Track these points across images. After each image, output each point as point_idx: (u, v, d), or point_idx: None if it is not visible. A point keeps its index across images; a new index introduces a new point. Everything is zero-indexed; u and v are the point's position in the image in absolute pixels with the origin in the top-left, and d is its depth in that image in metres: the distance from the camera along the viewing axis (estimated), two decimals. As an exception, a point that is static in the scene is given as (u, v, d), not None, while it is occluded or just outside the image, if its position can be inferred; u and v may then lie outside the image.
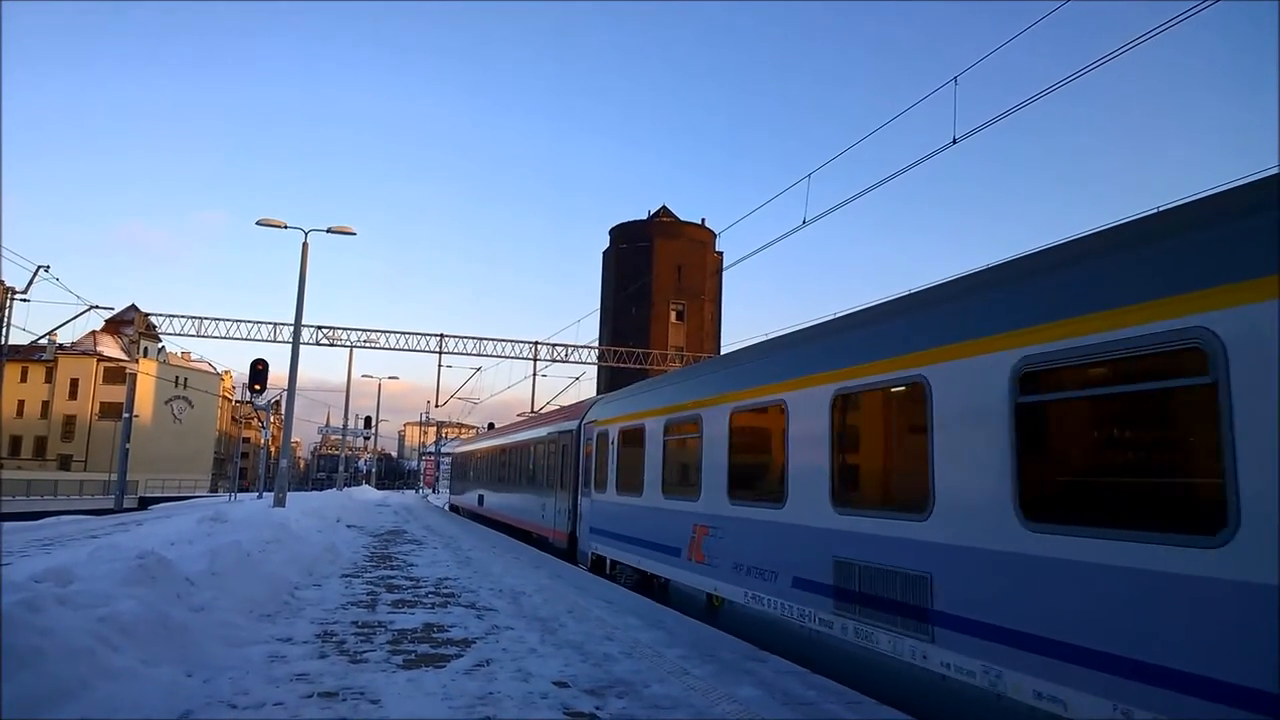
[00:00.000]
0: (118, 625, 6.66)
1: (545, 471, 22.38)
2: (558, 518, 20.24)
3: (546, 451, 22.38)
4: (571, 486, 18.98)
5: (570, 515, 18.95)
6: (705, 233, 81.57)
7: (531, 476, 24.40)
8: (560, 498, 20.20)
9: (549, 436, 22.25)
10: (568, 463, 19.54)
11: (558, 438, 20.98)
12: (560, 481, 20.27)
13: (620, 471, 15.12)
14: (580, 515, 17.87)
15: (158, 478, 67.47)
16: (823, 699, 6.84)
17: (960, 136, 13.80)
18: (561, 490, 20.07)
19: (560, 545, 19.80)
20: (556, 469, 20.80)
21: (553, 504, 20.96)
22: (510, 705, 6.31)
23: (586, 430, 17.80)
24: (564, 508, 19.64)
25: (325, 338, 49.52)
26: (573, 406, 22.89)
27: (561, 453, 20.43)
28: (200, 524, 15.12)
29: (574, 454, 18.92)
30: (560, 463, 20.41)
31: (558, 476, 20.57)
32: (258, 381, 26.56)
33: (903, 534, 7.13)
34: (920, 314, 7.53)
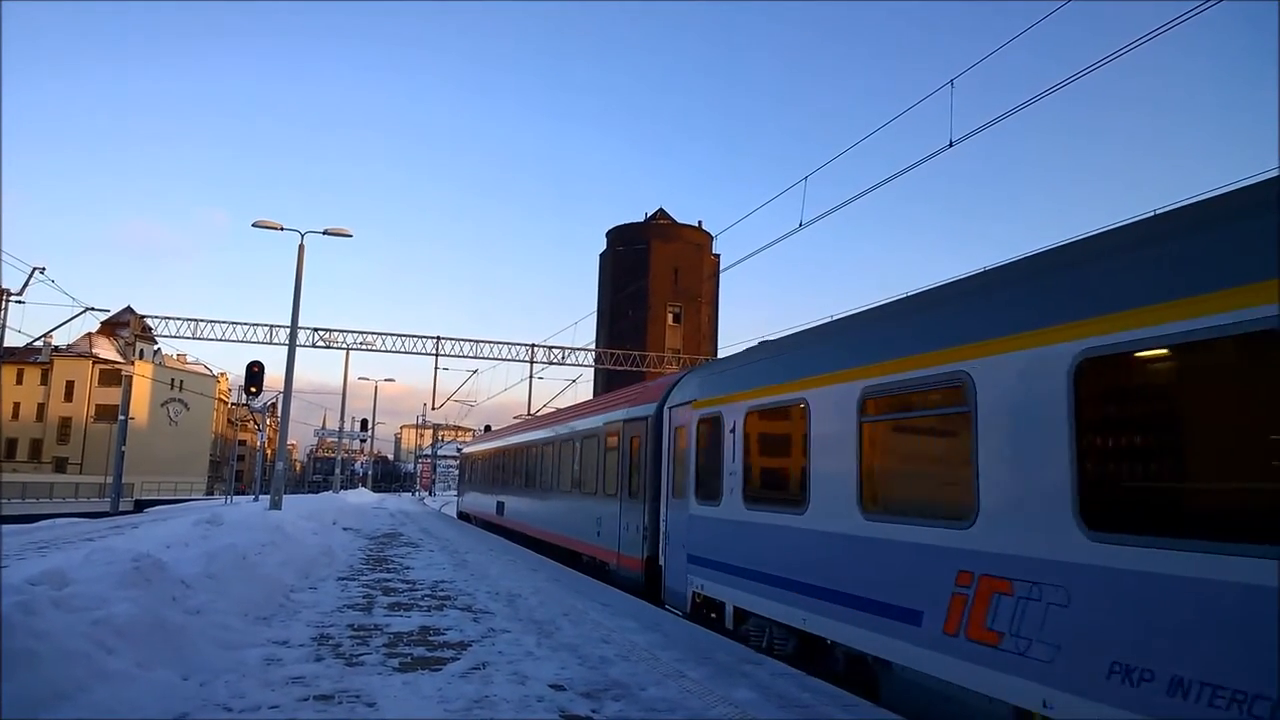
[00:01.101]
0: (113, 628, 6.65)
1: (601, 473, 17.24)
2: (624, 536, 15.15)
3: (602, 447, 17.35)
4: (646, 493, 14.09)
5: (646, 534, 13.94)
6: (702, 235, 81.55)
7: (578, 480, 19.25)
8: (628, 510, 15.06)
9: (607, 427, 17.12)
10: (640, 462, 14.58)
11: (622, 428, 15.99)
12: (628, 486, 15.26)
13: (755, 474, 10.25)
14: (666, 535, 12.92)
15: (153, 480, 67.27)
16: (818, 702, 6.85)
17: (957, 139, 13.81)
18: (631, 499, 14.97)
19: (630, 576, 14.63)
20: (619, 470, 15.88)
21: (614, 517, 15.79)
22: (506, 708, 6.31)
23: (675, 415, 12.95)
24: (635, 523, 14.51)
25: (321, 340, 49.45)
26: (637, 389, 17.78)
27: (628, 448, 15.48)
28: (196, 527, 15.09)
29: (650, 449, 14.17)
30: (627, 462, 15.50)
31: (622, 480, 15.67)
32: (254, 384, 26.53)
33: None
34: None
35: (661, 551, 13.23)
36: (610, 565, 15.97)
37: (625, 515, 15.20)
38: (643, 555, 14.04)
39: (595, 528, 17.05)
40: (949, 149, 13.99)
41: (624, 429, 15.84)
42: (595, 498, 17.43)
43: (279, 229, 27.60)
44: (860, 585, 7.62)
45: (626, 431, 15.67)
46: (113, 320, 72.22)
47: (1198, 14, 9.66)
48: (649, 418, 14.44)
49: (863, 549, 7.60)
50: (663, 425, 13.56)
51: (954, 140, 13.81)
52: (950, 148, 13.95)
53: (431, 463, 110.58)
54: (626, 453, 15.56)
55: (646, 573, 13.86)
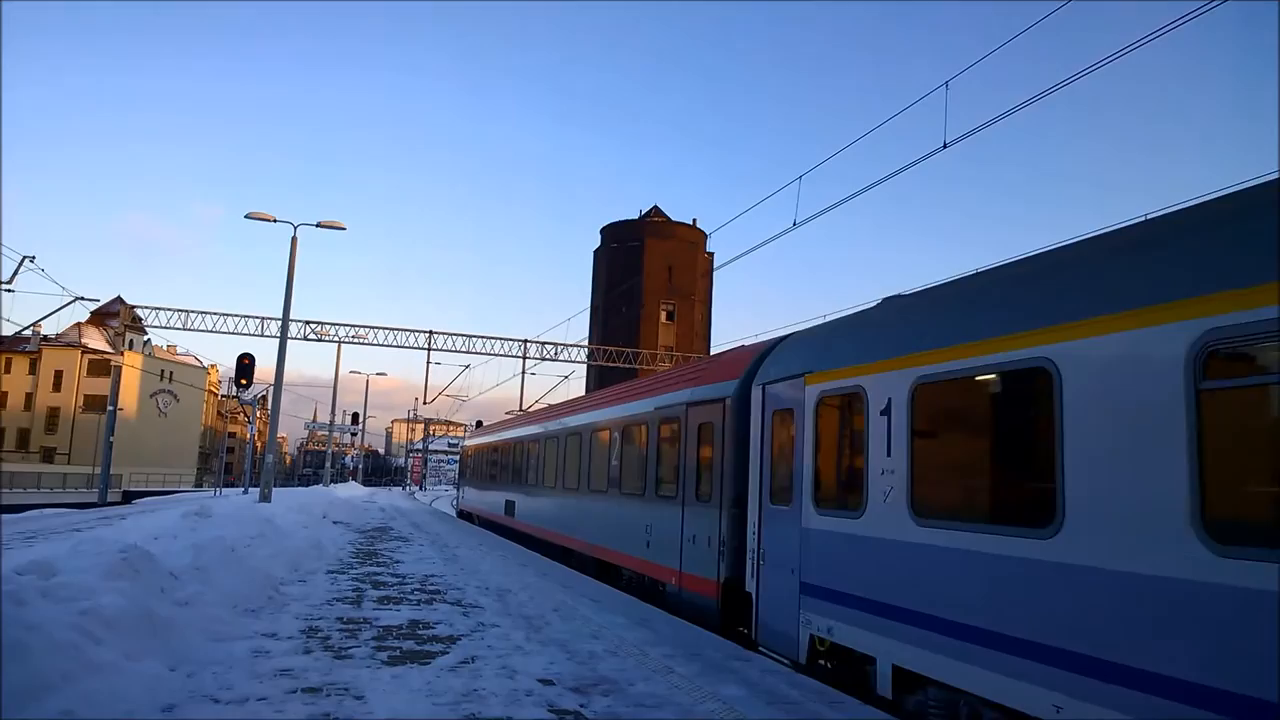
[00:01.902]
0: (101, 619, 6.63)
1: (650, 470, 13.81)
2: (688, 551, 11.86)
3: (652, 438, 13.93)
4: (722, 497, 10.90)
5: (724, 549, 10.74)
6: (696, 233, 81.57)
7: (616, 477, 15.64)
8: (695, 516, 11.76)
9: (660, 413, 13.65)
10: (713, 456, 11.44)
11: (684, 414, 12.54)
12: (694, 487, 11.91)
13: (933, 474, 7.21)
14: (760, 554, 9.71)
15: (142, 471, 67.02)
16: (806, 699, 6.86)
17: (951, 140, 13.84)
18: (698, 503, 11.67)
19: (698, 602, 11.37)
20: (681, 466, 12.45)
21: (671, 526, 12.45)
22: (495, 702, 6.31)
23: (774, 394, 9.84)
24: (705, 534, 11.31)
25: (313, 333, 49.32)
26: (699, 364, 14.37)
27: (693, 439, 12.16)
28: (185, 518, 15.03)
29: (729, 439, 11.02)
30: (691, 456, 12.17)
31: (685, 478, 12.24)
32: (244, 376, 26.41)
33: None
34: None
35: (751, 574, 9.88)
36: (666, 586, 12.54)
37: (690, 523, 11.88)
38: (717, 577, 10.74)
39: (642, 537, 13.61)
40: (943, 150, 14.03)
41: (687, 415, 12.45)
42: (642, 500, 13.95)
43: (272, 221, 27.52)
44: (1193, 664, 4.63)
45: (691, 418, 12.30)
46: (102, 310, 72.09)
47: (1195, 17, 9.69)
48: (726, 399, 11.19)
49: (1200, 602, 4.62)
50: (751, 408, 10.33)
51: (948, 141, 13.85)
52: (944, 149, 13.99)
53: (423, 457, 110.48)
54: (691, 444, 12.21)
55: (723, 600, 10.61)
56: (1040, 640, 5.60)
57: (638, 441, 14.72)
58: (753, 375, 10.61)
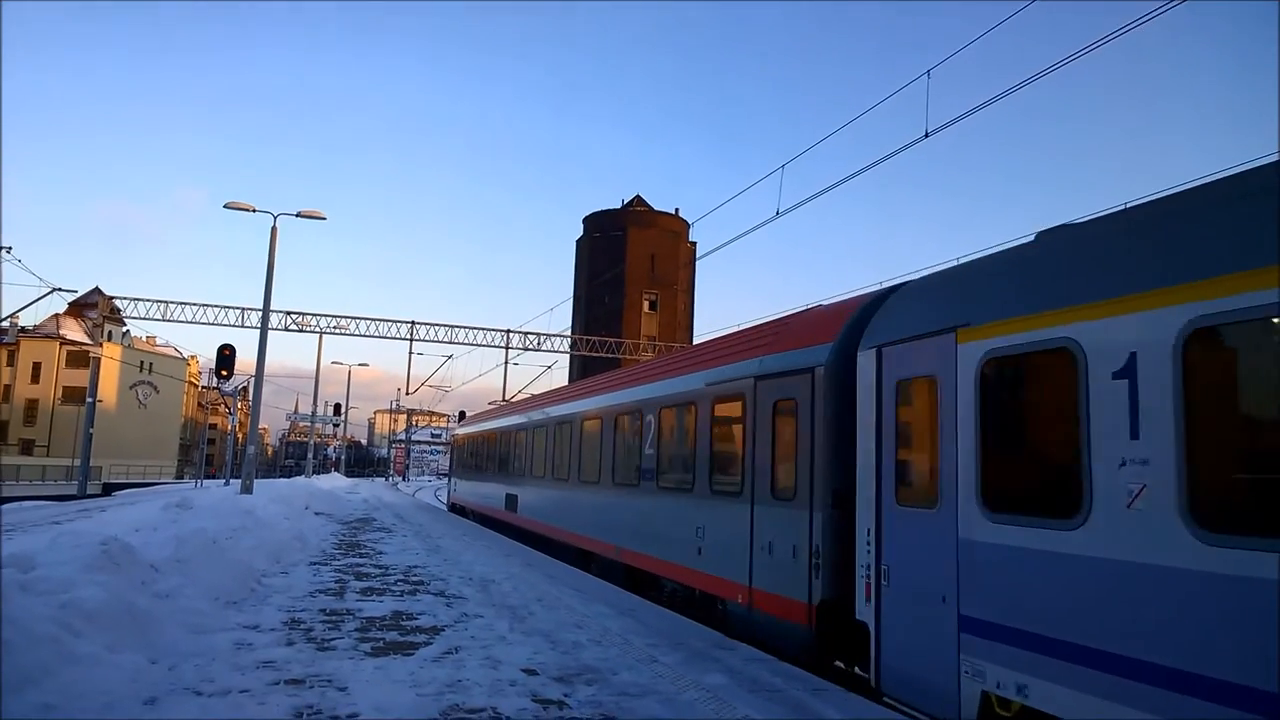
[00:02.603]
0: (81, 612, 6.59)
1: (704, 459, 11.30)
2: (761, 561, 9.49)
3: (705, 420, 11.44)
4: (813, 493, 8.70)
5: (818, 561, 8.47)
6: (679, 222, 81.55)
7: (655, 468, 12.97)
8: (771, 518, 9.42)
9: (717, 389, 11.17)
10: (800, 442, 9.02)
11: (753, 389, 10.11)
12: (769, 480, 9.57)
13: (1217, 464, 4.87)
14: (885, 572, 7.42)
15: (122, 464, 66.40)
16: (789, 686, 6.91)
17: (933, 129, 13.88)
18: (777, 501, 9.37)
19: (780, 627, 8.98)
20: (749, 454, 10.04)
21: (735, 528, 10.07)
22: (479, 692, 6.32)
23: (897, 359, 7.58)
24: (790, 540, 8.94)
25: (294, 323, 49.08)
26: (772, 326, 10.97)
27: (767, 420, 9.79)
28: (165, 510, 14.93)
29: (827, 421, 8.65)
30: (766, 441, 9.74)
31: (755, 469, 9.87)
32: (224, 367, 26.25)
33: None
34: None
35: (866, 598, 7.55)
36: (728, 605, 10.10)
37: (764, 527, 9.46)
38: (809, 597, 8.42)
39: (691, 542, 11.19)
40: (925, 139, 14.08)
41: (756, 391, 10.00)
42: (690, 496, 11.48)
43: (251, 210, 27.30)
44: None
45: (762, 394, 9.87)
46: (81, 301, 71.04)
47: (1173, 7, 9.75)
48: (817, 370, 8.78)
49: None
50: (858, 378, 8.01)
51: (930, 130, 13.90)
52: (926, 138, 14.04)
53: (405, 448, 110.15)
54: (762, 426, 9.78)
55: (819, 628, 8.29)
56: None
57: (682, 425, 12.28)
58: (855, 337, 8.31)
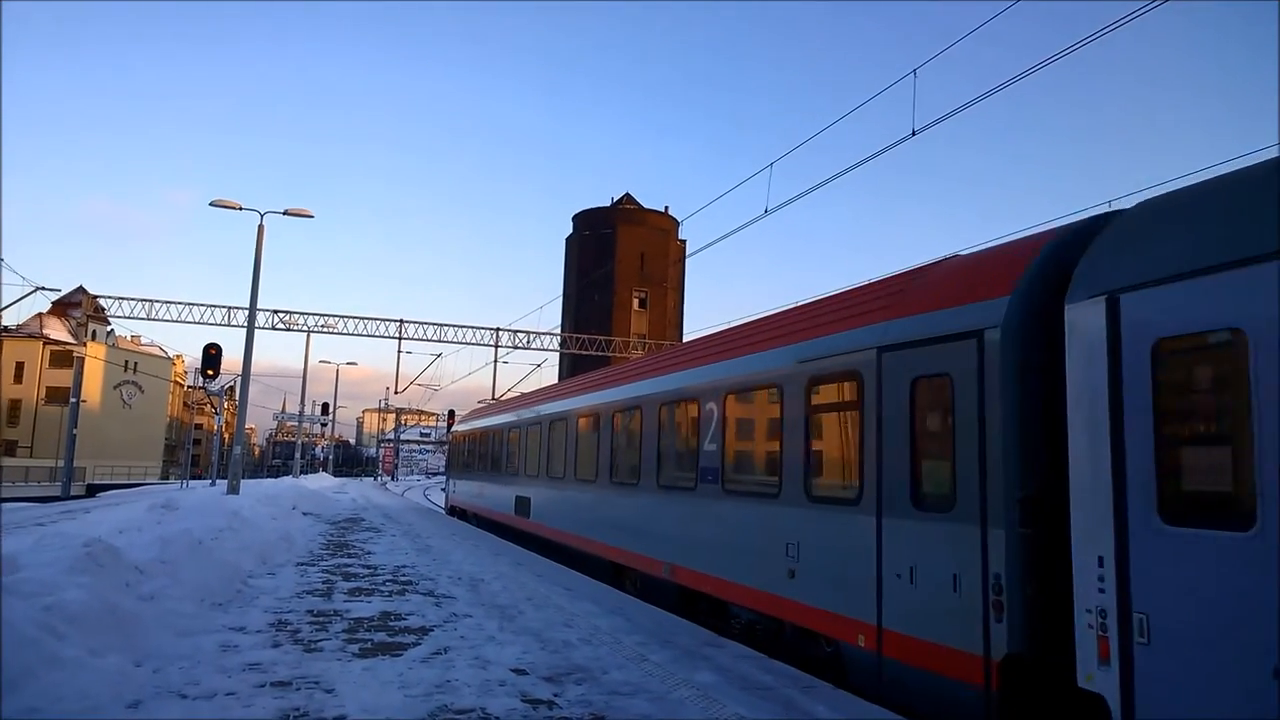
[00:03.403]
0: (64, 614, 6.53)
1: (805, 458, 8.89)
2: (909, 596, 7.02)
3: (794, 407, 9.13)
4: (992, 505, 6.31)
5: (1013, 602, 6.06)
6: (668, 220, 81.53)
7: (719, 470, 10.55)
8: (926, 535, 6.94)
9: (810, 367, 8.91)
10: (963, 433, 6.66)
11: (882, 363, 7.74)
12: (911, 485, 7.23)
13: None
14: (1143, 621, 5.04)
15: (106, 464, 65.93)
16: (779, 684, 6.91)
17: (919, 128, 13.89)
18: (925, 513, 7.02)
19: (946, 688, 6.53)
20: (880, 452, 7.65)
21: (860, 549, 7.65)
22: (468, 693, 6.28)
23: (1154, 312, 5.21)
24: (955, 569, 6.57)
25: (281, 322, 48.74)
26: (898, 283, 8.58)
27: (905, 404, 7.41)
28: (150, 511, 14.82)
29: (1007, 404, 6.35)
30: (904, 433, 7.40)
31: (890, 472, 7.50)
32: (210, 366, 26.05)
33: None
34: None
35: (1103, 658, 5.29)
36: (847, 646, 7.72)
37: (901, 546, 7.17)
38: (988, 649, 6.16)
39: (779, 562, 8.88)
40: (912, 137, 14.10)
41: (882, 365, 7.67)
42: (775, 503, 9.18)
43: (237, 209, 27.13)
44: None
45: (894, 369, 7.54)
46: (64, 300, 70.48)
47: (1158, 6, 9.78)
48: (989, 332, 6.53)
49: None
50: (1070, 341, 5.78)
51: (916, 129, 13.91)
52: (913, 136, 14.06)
53: (394, 447, 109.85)
54: (895, 413, 7.47)
55: (1003, 692, 6.10)
56: None
57: (759, 414, 10.13)
58: (1052, 284, 6.23)
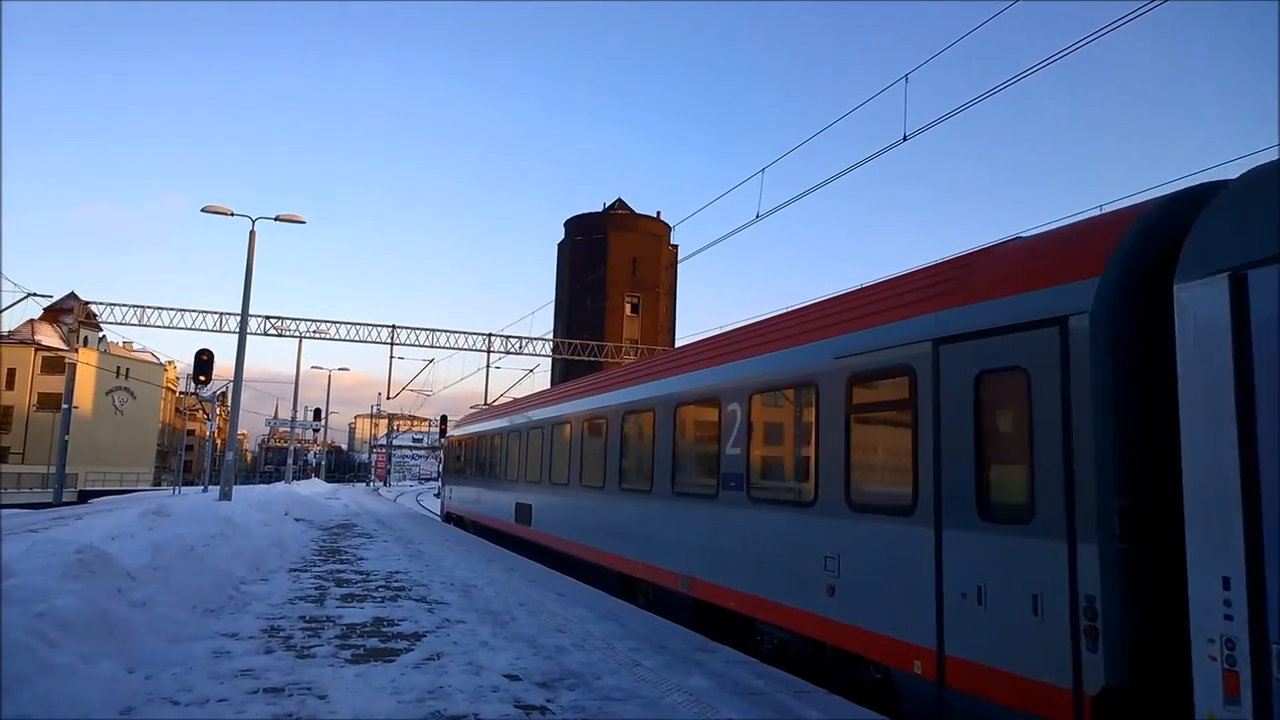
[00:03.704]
0: (56, 621, 6.51)
1: (846, 462, 8.00)
2: (977, 619, 6.17)
3: (840, 405, 8.17)
4: (1081, 516, 5.52)
5: (1112, 627, 5.28)
6: (660, 226, 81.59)
7: (744, 475, 9.73)
8: (998, 549, 6.08)
9: (873, 360, 7.81)
10: (1042, 433, 5.89)
11: (940, 357, 6.90)
12: (975, 492, 6.39)
13: None
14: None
15: (98, 470, 65.77)
16: (772, 689, 6.92)
17: (911, 133, 13.97)
18: (996, 525, 6.16)
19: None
20: (936, 455, 6.79)
21: (917, 563, 6.79)
22: (461, 699, 6.29)
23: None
24: (1036, 589, 5.74)
25: (273, 328, 48.67)
26: (951, 268, 7.60)
27: (968, 402, 6.53)
28: (142, 518, 14.78)
29: (1092, 403, 5.56)
30: (967, 435, 6.52)
31: (952, 477, 6.63)
32: (202, 372, 25.98)
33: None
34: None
35: (1232, 696, 4.60)
36: (899, 673, 6.93)
37: (967, 562, 6.35)
38: (1080, 682, 5.42)
39: (818, 576, 8.02)
40: (903, 142, 14.17)
41: (940, 360, 6.88)
42: (811, 513, 8.37)
43: (229, 214, 27.08)
44: None
45: (955, 363, 6.74)
46: (56, 307, 70.42)
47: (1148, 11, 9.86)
48: (1074, 319, 5.77)
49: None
50: (1181, 326, 5.13)
51: (908, 134, 13.98)
52: (904, 141, 14.12)
53: (386, 452, 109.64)
54: (955, 412, 6.67)
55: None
56: None
57: (791, 415, 9.38)
58: (1151, 263, 5.65)
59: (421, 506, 48.34)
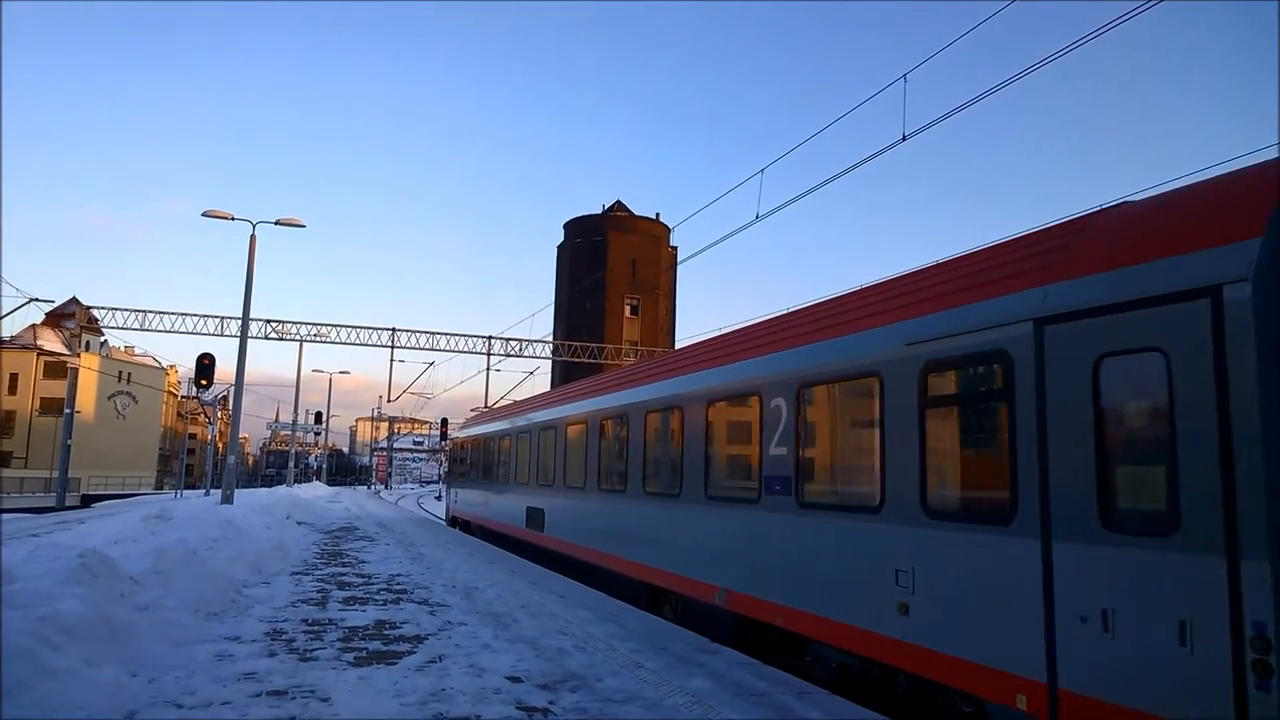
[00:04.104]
0: (59, 625, 6.52)
1: (920, 463, 6.98)
2: (1095, 645, 5.24)
3: (910, 399, 7.17)
4: (1237, 530, 4.61)
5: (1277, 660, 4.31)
6: (660, 227, 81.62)
7: (792, 478, 8.83)
8: (1117, 567, 5.18)
9: (953, 346, 6.79)
10: (1190, 433, 4.92)
11: (1044, 340, 5.89)
12: (1094, 503, 5.37)
13: None
14: None
15: (101, 475, 65.82)
16: (774, 690, 6.93)
17: (910, 133, 13.97)
18: (1118, 536, 5.21)
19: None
20: (1045, 457, 5.76)
21: (1018, 583, 5.82)
22: (463, 701, 6.30)
23: None
24: (1182, 616, 4.80)
25: (274, 332, 48.69)
26: (1057, 235, 6.45)
27: (1088, 393, 5.50)
28: (144, 522, 14.80)
29: (1263, 389, 4.59)
30: (1087, 432, 5.47)
31: (1063, 481, 5.62)
32: (204, 376, 26.01)
33: None
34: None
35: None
36: (1002, 709, 6.06)
37: (1085, 581, 5.39)
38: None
39: (888, 592, 7.10)
40: (902, 142, 14.17)
41: (1044, 342, 5.92)
42: (879, 520, 7.40)
43: (229, 219, 27.13)
44: None
45: (1063, 346, 5.78)
46: (58, 311, 70.57)
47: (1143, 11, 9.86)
48: (1230, 288, 4.80)
49: None
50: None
51: (907, 134, 13.98)
52: (904, 141, 14.13)
53: (387, 455, 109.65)
54: (1065, 403, 5.69)
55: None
56: None
57: (852, 411, 8.40)
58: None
59: (423, 509, 48.39)
